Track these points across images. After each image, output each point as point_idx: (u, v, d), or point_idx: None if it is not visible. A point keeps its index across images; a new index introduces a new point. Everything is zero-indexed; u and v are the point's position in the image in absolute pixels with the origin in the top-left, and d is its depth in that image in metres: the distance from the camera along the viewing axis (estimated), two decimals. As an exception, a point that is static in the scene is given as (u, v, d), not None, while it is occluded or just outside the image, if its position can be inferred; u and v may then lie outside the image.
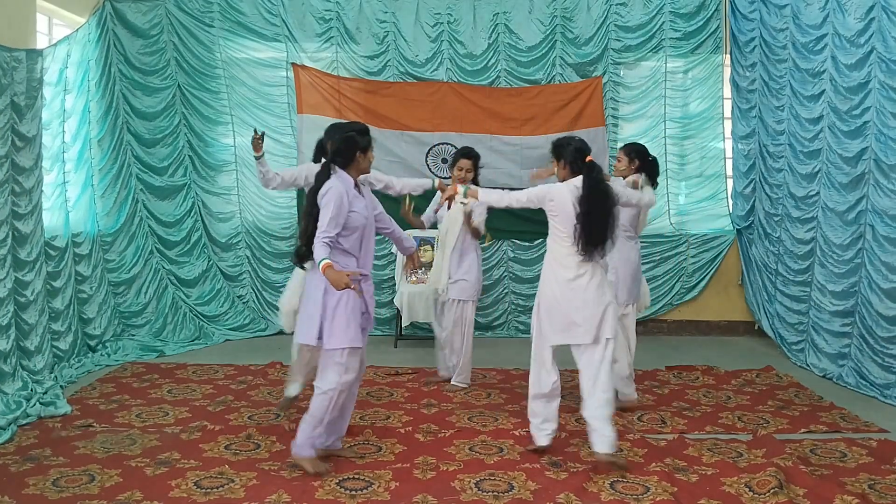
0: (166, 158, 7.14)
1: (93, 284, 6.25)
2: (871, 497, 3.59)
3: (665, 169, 7.40)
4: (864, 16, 5.43)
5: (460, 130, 7.20)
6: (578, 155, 4.01)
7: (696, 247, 7.45)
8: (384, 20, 7.26)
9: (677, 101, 7.44)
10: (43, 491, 3.53)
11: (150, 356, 6.29)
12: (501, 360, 6.17)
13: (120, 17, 6.89)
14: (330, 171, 3.73)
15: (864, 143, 5.51)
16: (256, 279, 7.39)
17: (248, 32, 7.23)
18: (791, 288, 6.51)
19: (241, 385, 5.42)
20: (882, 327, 5.35)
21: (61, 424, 4.48)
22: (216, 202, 7.34)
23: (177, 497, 3.50)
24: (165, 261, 7.14)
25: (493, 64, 7.33)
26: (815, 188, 6.11)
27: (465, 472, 3.81)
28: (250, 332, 7.22)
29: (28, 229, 5.18)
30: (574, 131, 7.16)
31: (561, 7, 7.29)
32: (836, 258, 5.87)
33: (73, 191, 6.12)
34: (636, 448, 4.17)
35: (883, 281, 5.34)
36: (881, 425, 4.68)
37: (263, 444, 4.19)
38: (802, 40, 6.15)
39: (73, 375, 5.51)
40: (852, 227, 5.69)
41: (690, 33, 7.32)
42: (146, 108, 7.04)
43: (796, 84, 6.28)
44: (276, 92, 7.31)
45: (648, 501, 3.52)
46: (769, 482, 3.61)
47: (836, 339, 5.89)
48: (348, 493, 3.56)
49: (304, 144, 7.16)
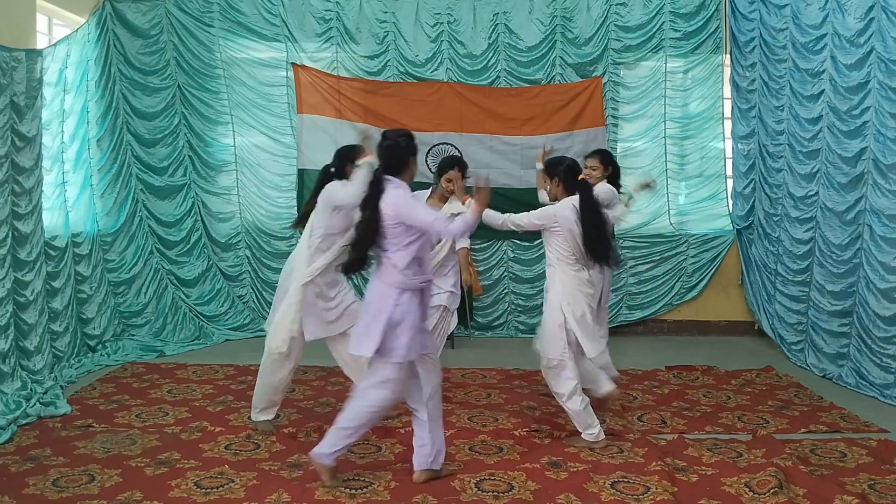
0: (166, 158, 7.14)
1: (92, 284, 6.25)
2: (871, 497, 3.59)
3: (665, 169, 7.41)
4: (863, 16, 5.43)
5: (460, 130, 7.20)
6: (571, 174, 4.21)
7: (696, 247, 7.45)
8: (384, 20, 7.26)
9: (677, 101, 7.44)
10: (43, 491, 3.53)
11: (150, 356, 6.29)
12: (501, 360, 6.17)
13: (120, 16, 6.89)
14: (383, 179, 3.62)
15: (863, 143, 5.51)
16: (256, 279, 7.39)
17: (248, 32, 7.23)
18: (790, 288, 6.51)
19: (241, 385, 5.42)
20: (879, 327, 5.35)
21: (61, 424, 4.48)
22: (216, 202, 7.34)
23: (177, 497, 3.50)
24: (165, 261, 7.14)
25: (493, 64, 7.33)
26: (814, 188, 6.11)
27: (465, 472, 3.81)
28: (250, 332, 7.21)
29: (28, 229, 5.18)
30: (574, 131, 7.19)
31: (561, 7, 7.29)
32: (834, 258, 5.87)
33: (72, 191, 6.11)
34: (637, 448, 4.17)
35: (880, 281, 5.34)
36: (881, 425, 4.68)
37: (263, 444, 4.19)
38: (802, 40, 6.15)
39: (73, 375, 5.51)
40: (851, 227, 5.69)
41: (690, 33, 7.32)
42: (146, 107, 7.04)
43: (796, 84, 6.28)
44: (276, 92, 7.31)
45: (649, 501, 3.52)
46: (769, 482, 3.61)
47: (835, 339, 5.90)
48: (348, 493, 3.56)
49: (304, 144, 7.17)
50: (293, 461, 3.95)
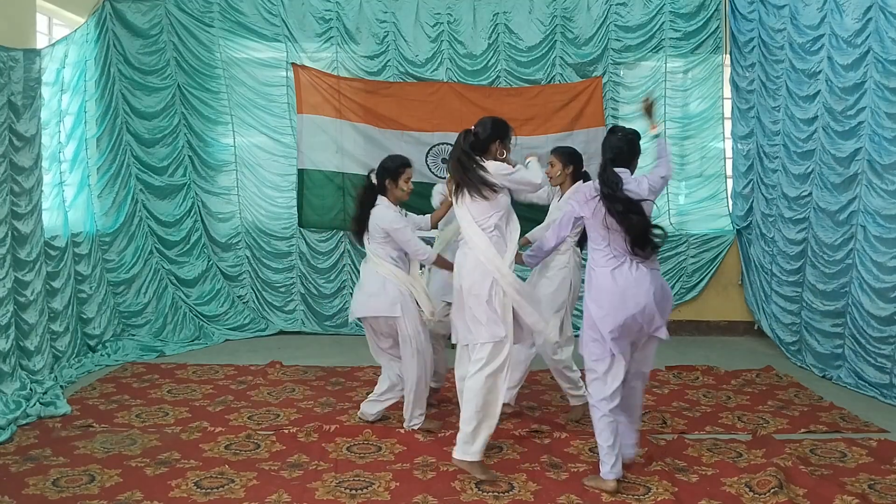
0: (166, 158, 7.14)
1: (92, 284, 6.24)
2: (871, 497, 3.59)
3: (665, 169, 7.40)
4: (861, 16, 5.42)
5: (460, 130, 7.16)
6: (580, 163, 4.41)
7: (696, 247, 7.44)
8: (384, 20, 7.26)
9: (677, 101, 7.44)
10: (43, 491, 3.54)
11: (150, 356, 6.29)
12: (501, 360, 6.16)
13: (119, 16, 6.88)
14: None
15: (857, 144, 5.50)
16: (256, 279, 7.39)
17: (248, 32, 7.23)
18: (784, 288, 6.52)
19: (241, 385, 5.42)
20: (874, 328, 5.35)
21: (61, 424, 4.48)
22: (216, 202, 7.34)
23: (177, 497, 3.50)
24: (165, 261, 7.13)
25: (493, 64, 7.33)
26: (808, 189, 6.10)
27: (465, 472, 3.81)
28: (250, 332, 7.22)
29: (28, 229, 5.18)
30: (574, 131, 7.19)
31: (561, 7, 7.29)
32: (826, 259, 5.87)
33: (70, 191, 6.10)
34: (636, 448, 4.16)
35: (875, 281, 5.33)
36: (881, 425, 4.68)
37: (263, 444, 4.19)
38: (800, 41, 6.15)
39: (73, 375, 5.51)
40: (843, 227, 5.69)
41: (690, 33, 7.32)
42: (146, 107, 7.04)
43: (792, 84, 6.28)
44: (276, 92, 7.30)
45: (649, 501, 3.52)
46: (769, 482, 3.61)
47: (828, 339, 5.89)
48: (348, 493, 3.56)
49: (304, 144, 7.17)
50: (293, 461, 3.96)
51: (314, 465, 3.91)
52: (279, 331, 7.32)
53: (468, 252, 3.81)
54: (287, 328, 7.34)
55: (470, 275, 3.76)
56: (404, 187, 4.37)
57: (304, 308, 7.39)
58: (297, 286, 7.40)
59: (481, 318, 3.71)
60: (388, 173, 4.35)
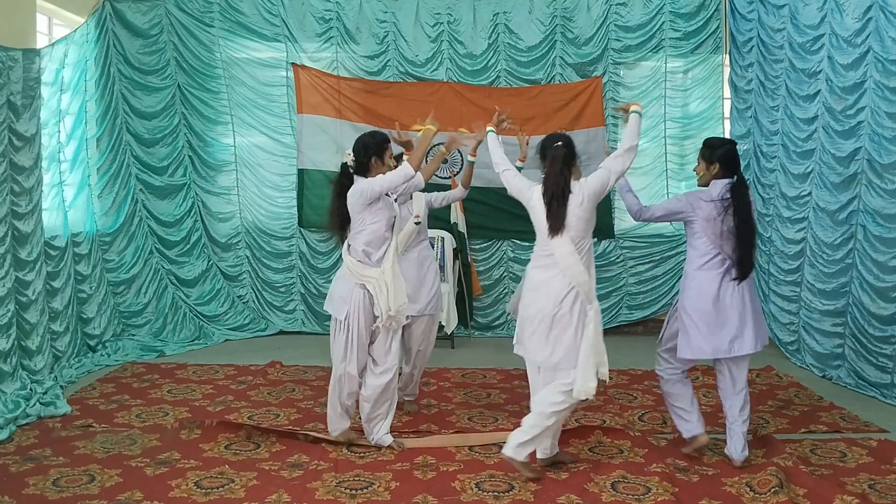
0: (166, 158, 7.14)
1: (92, 284, 6.24)
2: (871, 497, 3.59)
3: (665, 169, 7.41)
4: (861, 16, 5.42)
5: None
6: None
7: (696, 247, 7.43)
8: (384, 20, 7.26)
9: (677, 101, 7.44)
10: (43, 491, 3.53)
11: (150, 356, 6.29)
12: (501, 361, 6.16)
13: (119, 16, 6.88)
14: None
15: (857, 143, 5.50)
16: (256, 279, 7.39)
17: (248, 32, 7.23)
18: (782, 288, 6.51)
19: (241, 385, 5.42)
20: (875, 327, 5.35)
21: (61, 424, 4.48)
22: (216, 202, 7.34)
23: (177, 497, 3.50)
24: (165, 261, 7.13)
25: (493, 64, 7.33)
26: (807, 188, 6.10)
27: (465, 472, 3.81)
28: (250, 332, 7.22)
29: (28, 229, 5.18)
30: (574, 131, 7.15)
31: (561, 7, 7.29)
32: (826, 258, 5.87)
33: (70, 191, 6.11)
34: (637, 448, 4.17)
35: (875, 280, 5.33)
36: (881, 425, 4.67)
37: (263, 444, 4.19)
38: (799, 40, 6.14)
39: (73, 375, 5.51)
40: (843, 227, 5.69)
41: (690, 33, 7.32)
42: (146, 107, 7.04)
43: (792, 84, 6.28)
44: (276, 92, 7.31)
45: (650, 502, 3.52)
46: (770, 482, 3.61)
47: (828, 339, 5.89)
48: (348, 493, 3.56)
49: (304, 144, 7.17)
50: (293, 461, 3.95)
51: (314, 465, 3.91)
52: (279, 331, 7.32)
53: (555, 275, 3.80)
54: (287, 328, 7.34)
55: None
56: (391, 164, 4.08)
57: (304, 308, 7.39)
58: (297, 286, 7.40)
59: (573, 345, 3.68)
60: (374, 149, 4.00)
